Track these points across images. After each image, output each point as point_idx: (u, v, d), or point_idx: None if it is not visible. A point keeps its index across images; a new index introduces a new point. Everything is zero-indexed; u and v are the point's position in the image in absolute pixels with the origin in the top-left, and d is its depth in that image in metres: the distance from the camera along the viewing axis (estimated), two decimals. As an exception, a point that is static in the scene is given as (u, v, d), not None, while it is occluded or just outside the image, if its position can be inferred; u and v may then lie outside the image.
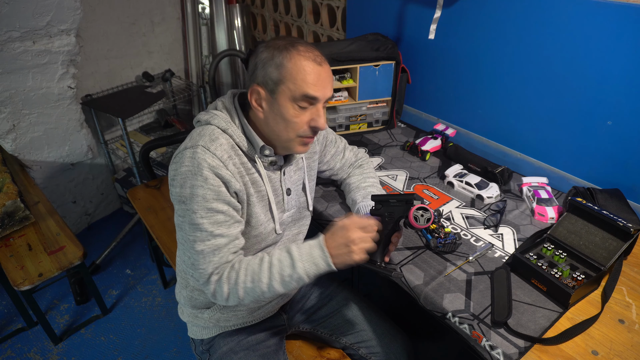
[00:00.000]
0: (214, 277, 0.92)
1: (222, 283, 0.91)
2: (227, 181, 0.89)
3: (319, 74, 0.89)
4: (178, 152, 0.92)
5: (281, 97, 0.89)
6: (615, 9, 1.10)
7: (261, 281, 0.90)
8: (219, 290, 0.92)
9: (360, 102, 1.68)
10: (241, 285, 0.90)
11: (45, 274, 1.56)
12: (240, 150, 0.94)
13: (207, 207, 0.88)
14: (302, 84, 0.87)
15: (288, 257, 0.91)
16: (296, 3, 2.34)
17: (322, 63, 0.90)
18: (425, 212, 1.03)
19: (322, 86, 0.90)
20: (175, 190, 0.90)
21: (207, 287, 0.93)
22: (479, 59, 1.49)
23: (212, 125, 0.93)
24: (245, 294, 0.91)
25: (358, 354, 1.20)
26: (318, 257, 0.89)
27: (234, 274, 0.91)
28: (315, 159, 1.18)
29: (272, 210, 1.02)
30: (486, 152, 1.55)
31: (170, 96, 2.68)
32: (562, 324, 0.92)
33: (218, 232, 0.90)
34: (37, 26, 1.95)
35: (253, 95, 0.92)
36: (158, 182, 2.01)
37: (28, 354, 1.86)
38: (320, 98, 0.90)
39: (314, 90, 0.88)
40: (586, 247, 1.04)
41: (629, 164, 1.21)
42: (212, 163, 0.87)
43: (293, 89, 0.88)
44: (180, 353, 1.85)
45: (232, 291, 0.91)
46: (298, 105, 0.90)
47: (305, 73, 0.87)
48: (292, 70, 0.87)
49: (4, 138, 2.07)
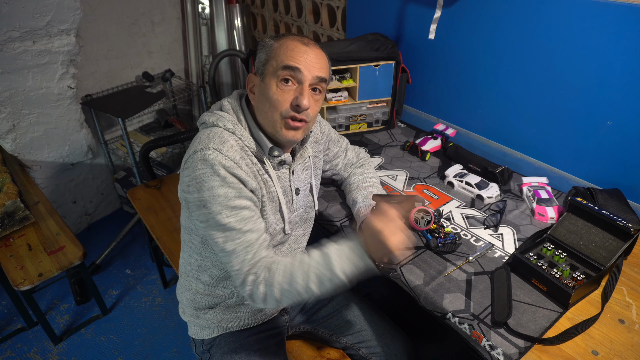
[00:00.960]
0: (250, 277, 0.88)
1: (258, 284, 0.88)
2: (244, 180, 0.88)
3: (304, 51, 0.90)
4: (188, 157, 0.89)
5: (267, 77, 0.91)
6: (615, 9, 1.10)
7: (298, 283, 0.86)
8: (255, 292, 0.88)
9: (360, 102, 1.68)
10: (277, 286, 0.87)
11: (45, 274, 1.56)
12: (250, 152, 0.94)
13: (230, 206, 0.86)
14: (284, 57, 0.89)
15: (325, 258, 0.87)
16: (296, 3, 2.34)
17: (310, 45, 0.91)
18: (426, 214, 1.03)
19: (305, 62, 0.89)
20: (193, 195, 0.87)
21: (244, 289, 0.90)
22: (479, 59, 1.49)
23: (220, 127, 0.91)
24: (282, 295, 0.88)
25: (358, 354, 1.20)
26: (358, 260, 0.85)
27: (270, 275, 0.88)
28: (321, 158, 1.17)
29: (282, 210, 1.01)
30: (486, 152, 1.55)
31: (170, 96, 2.68)
32: (562, 324, 0.92)
33: (247, 228, 0.88)
34: (37, 26, 1.95)
35: (249, 84, 0.96)
36: (158, 182, 2.01)
37: (28, 354, 1.86)
38: (304, 71, 0.89)
39: (294, 62, 0.88)
40: (586, 247, 1.04)
41: (629, 163, 1.21)
42: (226, 164, 0.86)
43: (275, 64, 0.90)
44: (180, 353, 1.85)
45: (269, 292, 0.88)
46: (282, 82, 0.89)
47: (289, 48, 0.89)
48: (278, 48, 0.91)
49: (4, 138, 2.07)
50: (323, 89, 0.94)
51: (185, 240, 1.06)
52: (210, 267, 1.03)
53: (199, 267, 1.05)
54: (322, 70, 0.92)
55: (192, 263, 1.06)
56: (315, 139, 1.14)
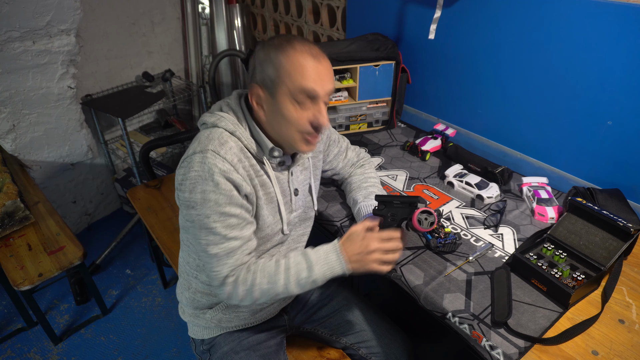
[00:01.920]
0: (230, 279, 0.92)
1: (237, 285, 0.92)
2: (238, 185, 0.89)
3: (317, 69, 0.88)
4: (186, 157, 0.89)
5: (280, 96, 0.88)
6: (615, 9, 1.10)
7: (277, 283, 0.92)
8: (234, 292, 0.93)
9: (360, 102, 1.68)
10: (257, 287, 0.92)
11: (45, 274, 1.56)
12: (249, 153, 0.94)
13: (220, 212, 0.87)
14: (300, 80, 0.86)
15: (305, 260, 0.93)
16: (296, 3, 2.34)
17: (320, 58, 0.89)
18: (430, 215, 1.03)
19: (320, 80, 0.88)
20: (184, 195, 0.88)
21: (222, 289, 0.93)
22: (479, 59, 1.49)
23: (220, 128, 0.91)
24: (261, 294, 0.93)
25: (358, 354, 1.20)
26: (334, 262, 0.92)
27: (250, 276, 0.92)
28: (320, 158, 1.17)
29: (280, 211, 1.02)
30: (486, 152, 1.55)
31: (170, 96, 2.68)
32: (562, 324, 0.92)
33: (232, 235, 0.90)
34: (37, 26, 1.95)
35: (253, 97, 0.92)
36: (158, 182, 2.01)
37: (28, 354, 1.86)
38: (320, 92, 0.88)
39: (312, 84, 0.87)
40: (586, 247, 1.04)
41: (629, 164, 1.21)
42: (223, 167, 0.86)
43: (291, 86, 0.87)
44: (180, 353, 1.85)
45: (248, 292, 0.92)
46: (298, 102, 0.88)
47: (303, 69, 0.86)
48: (289, 67, 0.86)
49: (4, 138, 2.07)
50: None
51: (184, 240, 1.07)
52: None
53: (197, 266, 1.05)
54: (332, 82, 0.93)
55: (190, 262, 1.07)
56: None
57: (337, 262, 0.92)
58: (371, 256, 0.92)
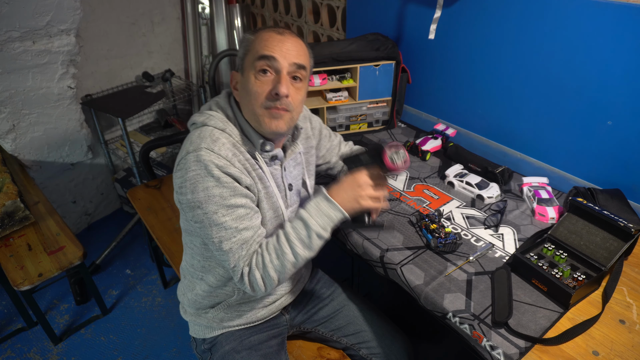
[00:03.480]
0: (246, 269, 0.91)
1: (253, 272, 0.91)
2: (237, 178, 0.89)
3: (279, 39, 0.90)
4: (181, 159, 0.90)
5: (246, 70, 0.92)
6: (615, 9, 1.10)
7: (286, 254, 0.91)
8: (253, 280, 0.92)
9: (361, 102, 1.68)
10: (269, 265, 0.91)
11: (45, 274, 1.56)
12: (242, 148, 0.94)
13: (226, 205, 0.87)
14: (259, 48, 0.89)
15: (299, 220, 0.93)
16: (296, 3, 2.34)
17: (286, 34, 0.92)
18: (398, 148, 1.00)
19: (280, 50, 0.89)
20: (186, 197, 0.88)
21: (243, 282, 0.93)
22: (479, 59, 1.49)
23: (209, 126, 0.92)
24: (277, 272, 0.92)
25: (359, 355, 1.20)
26: (328, 209, 0.93)
27: (260, 258, 0.92)
28: (313, 153, 1.18)
29: (280, 205, 1.02)
30: (486, 152, 1.55)
31: (170, 96, 2.68)
32: (562, 324, 0.91)
33: (242, 226, 0.90)
34: (37, 26, 1.95)
35: (232, 82, 0.97)
36: (158, 182, 2.01)
37: (28, 354, 1.86)
38: (278, 58, 0.88)
39: (269, 51, 0.88)
40: (587, 248, 1.04)
41: (629, 164, 1.21)
42: (219, 163, 0.86)
43: (251, 56, 0.90)
44: (180, 353, 1.85)
45: (265, 275, 0.92)
46: (260, 73, 0.89)
47: (265, 40, 0.90)
48: (254, 41, 0.91)
49: (4, 138, 2.07)
50: (304, 76, 0.94)
51: (187, 243, 1.06)
52: (214, 266, 1.03)
53: (202, 268, 1.05)
54: (300, 57, 0.92)
55: (195, 265, 1.06)
56: (306, 134, 1.15)
57: (331, 207, 0.93)
58: (362, 191, 0.93)
